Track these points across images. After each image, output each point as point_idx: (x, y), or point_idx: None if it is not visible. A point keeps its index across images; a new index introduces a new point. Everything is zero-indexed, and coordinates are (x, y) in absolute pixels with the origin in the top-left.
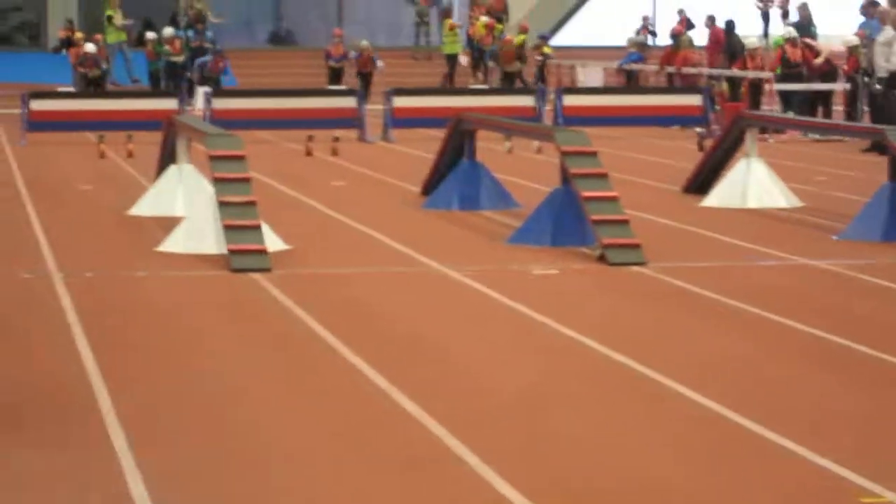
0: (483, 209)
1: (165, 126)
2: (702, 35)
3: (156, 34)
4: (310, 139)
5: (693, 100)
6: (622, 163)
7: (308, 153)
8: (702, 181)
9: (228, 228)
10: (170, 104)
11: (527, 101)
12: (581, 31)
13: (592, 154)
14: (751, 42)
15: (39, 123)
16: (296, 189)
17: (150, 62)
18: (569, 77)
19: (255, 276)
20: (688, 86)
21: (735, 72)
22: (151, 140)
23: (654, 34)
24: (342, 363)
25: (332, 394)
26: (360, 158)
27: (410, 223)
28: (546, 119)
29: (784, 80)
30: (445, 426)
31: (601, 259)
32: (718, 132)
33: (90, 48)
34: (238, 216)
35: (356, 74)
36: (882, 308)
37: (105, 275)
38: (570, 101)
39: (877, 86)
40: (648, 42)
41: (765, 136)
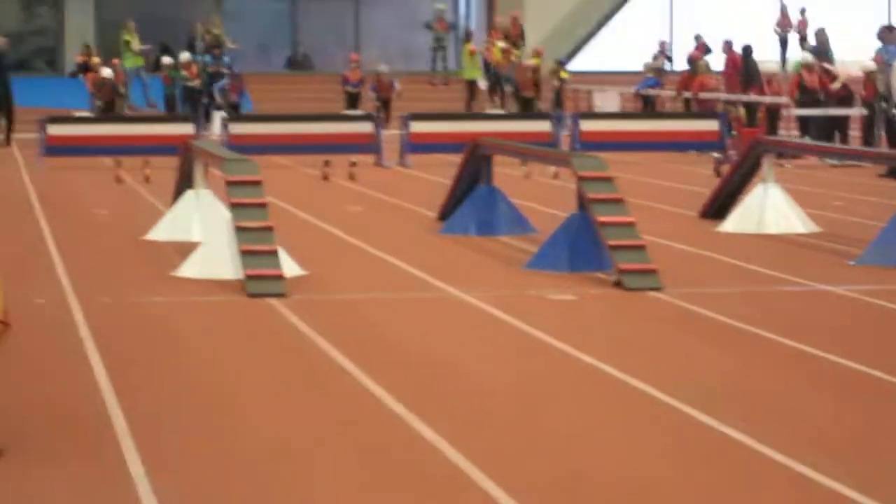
0: (500, 234)
1: (182, 151)
2: (719, 60)
3: (172, 59)
4: (326, 164)
5: (710, 125)
6: (639, 188)
7: (325, 178)
8: (719, 206)
9: (245, 253)
10: (186, 129)
11: (543, 126)
12: (598, 56)
13: (609, 179)
14: (768, 67)
15: (57, 148)
16: (312, 214)
17: (166, 87)
18: (585, 102)
19: (272, 302)
20: (705, 111)
21: (752, 97)
22: (168, 165)
23: (671, 59)
24: (359, 389)
25: (349, 420)
26: (377, 183)
27: (427, 248)
28: (563, 144)
29: (801, 106)
30: (463, 452)
31: (618, 284)
32: (735, 157)
33: (107, 73)
34: (254, 241)
35: (375, 99)
36: None
37: (121, 300)
38: (587, 126)
39: (894, 111)
40: (665, 67)
41: (782, 162)
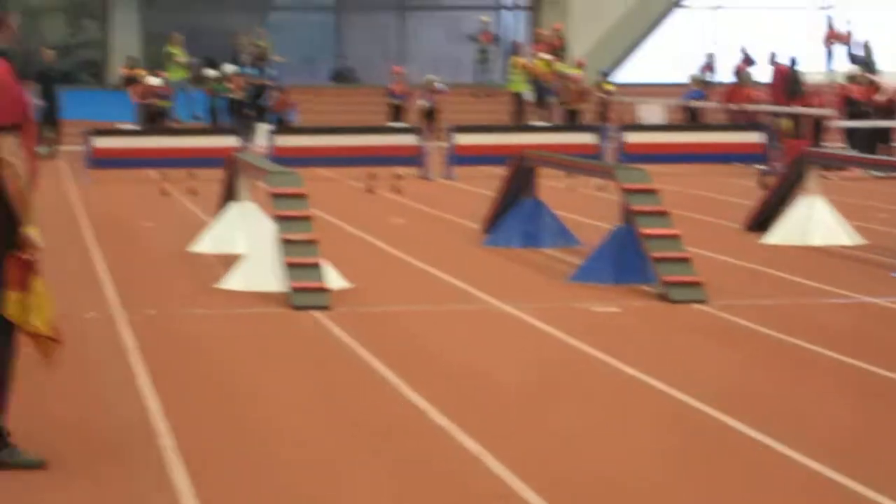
0: (544, 247)
1: (227, 163)
2: (764, 72)
3: (215, 71)
4: (371, 177)
5: (755, 137)
6: (683, 200)
7: (369, 190)
8: (763, 218)
9: (289, 266)
10: (231, 141)
11: (588, 139)
12: (642, 68)
13: (653, 192)
14: (813, 79)
15: (102, 161)
16: (357, 227)
17: (209, 99)
18: (630, 114)
19: (316, 314)
20: (749, 123)
21: (797, 109)
22: (213, 177)
23: (716, 71)
24: (402, 401)
25: (393, 432)
26: (421, 195)
27: (471, 261)
28: (608, 156)
29: (846, 118)
30: (506, 464)
31: (662, 297)
32: (780, 169)
33: (155, 81)
34: (299, 254)
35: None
36: None
37: (167, 312)
38: (632, 139)
39: None
40: (710, 79)
41: (826, 174)
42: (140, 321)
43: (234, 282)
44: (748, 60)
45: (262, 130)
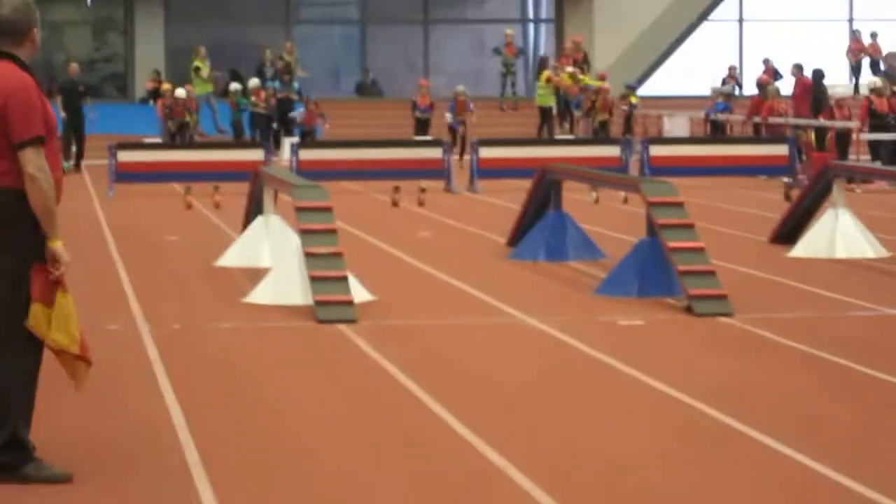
0: (569, 260)
1: (252, 177)
2: (789, 84)
3: (239, 85)
4: (396, 190)
5: (780, 150)
6: (708, 213)
7: (394, 204)
8: (789, 231)
9: (315, 279)
10: (256, 155)
11: (613, 152)
12: (667, 81)
13: (678, 205)
14: (838, 92)
15: (127, 174)
16: (382, 240)
17: (233, 113)
18: (655, 127)
19: (342, 328)
20: (774, 136)
21: (822, 122)
22: (238, 191)
23: (740, 84)
24: (428, 415)
25: (418, 446)
26: (447, 209)
27: (496, 274)
28: (632, 169)
29: (871, 130)
30: (532, 479)
31: (688, 310)
32: (805, 182)
33: (181, 93)
34: (324, 267)
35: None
36: None
37: (192, 326)
38: (657, 151)
39: None
40: (734, 92)
41: (852, 186)
42: (164, 335)
43: (260, 296)
44: (773, 73)
45: (288, 144)
